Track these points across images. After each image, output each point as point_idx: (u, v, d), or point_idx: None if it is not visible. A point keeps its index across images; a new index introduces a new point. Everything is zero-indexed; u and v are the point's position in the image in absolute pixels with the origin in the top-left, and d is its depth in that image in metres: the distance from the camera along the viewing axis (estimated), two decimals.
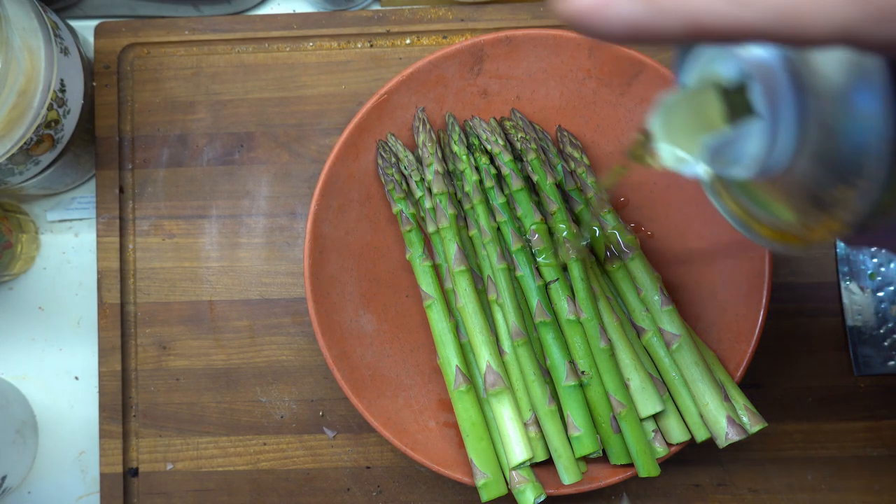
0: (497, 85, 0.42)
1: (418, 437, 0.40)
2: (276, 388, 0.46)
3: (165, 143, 0.47)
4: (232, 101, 0.47)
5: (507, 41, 0.41)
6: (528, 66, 0.42)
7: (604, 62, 0.41)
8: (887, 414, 0.45)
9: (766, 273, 0.39)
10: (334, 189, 0.41)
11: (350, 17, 0.47)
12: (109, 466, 0.45)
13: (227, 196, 0.47)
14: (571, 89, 0.42)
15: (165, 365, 0.46)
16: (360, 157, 0.41)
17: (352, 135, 0.41)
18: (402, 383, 0.42)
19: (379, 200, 0.43)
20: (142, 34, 0.47)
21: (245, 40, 0.47)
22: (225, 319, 0.46)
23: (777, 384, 0.45)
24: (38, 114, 0.40)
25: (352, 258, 0.42)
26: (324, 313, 0.40)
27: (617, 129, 0.42)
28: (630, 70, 0.41)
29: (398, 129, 0.42)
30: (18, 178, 0.43)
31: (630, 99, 0.42)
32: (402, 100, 0.41)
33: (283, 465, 0.46)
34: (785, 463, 0.45)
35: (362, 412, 0.39)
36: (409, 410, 0.41)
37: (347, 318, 0.41)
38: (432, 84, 0.41)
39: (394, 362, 0.42)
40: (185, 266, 0.47)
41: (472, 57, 0.41)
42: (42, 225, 0.50)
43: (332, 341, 0.40)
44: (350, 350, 0.41)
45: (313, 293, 0.40)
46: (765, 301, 0.39)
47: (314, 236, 0.40)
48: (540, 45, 0.41)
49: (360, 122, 0.41)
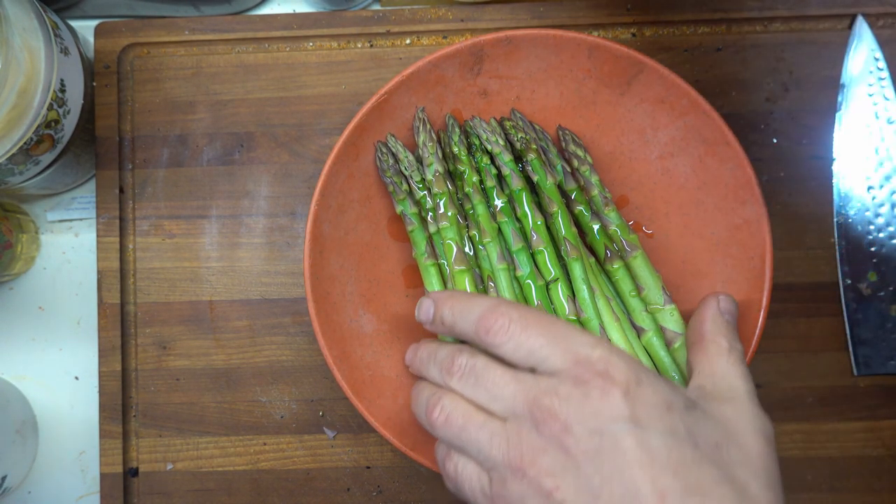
0: (497, 85, 0.42)
1: (419, 437, 0.40)
2: (276, 388, 0.46)
3: (165, 143, 0.47)
4: (232, 101, 0.47)
5: (507, 41, 0.41)
6: (528, 66, 0.42)
7: (604, 62, 0.41)
8: (887, 414, 0.45)
9: (766, 274, 0.39)
10: (334, 189, 0.41)
11: (350, 17, 0.47)
12: (109, 466, 0.45)
13: (227, 196, 0.47)
14: (571, 89, 0.42)
15: (165, 365, 0.46)
16: (360, 157, 0.41)
17: (352, 135, 0.41)
18: (403, 383, 0.42)
19: (379, 200, 0.43)
20: (142, 34, 0.47)
21: (245, 40, 0.47)
22: (225, 319, 0.46)
23: (777, 384, 0.45)
24: (38, 114, 0.40)
25: (352, 258, 0.42)
26: (324, 313, 0.40)
27: (617, 129, 0.42)
28: (630, 70, 0.41)
29: (398, 130, 0.42)
30: (18, 178, 0.43)
31: (630, 98, 0.42)
32: (402, 100, 0.41)
33: (283, 465, 0.46)
34: (785, 463, 0.45)
35: (362, 412, 0.39)
36: (410, 411, 0.41)
37: (347, 319, 0.41)
38: (432, 84, 0.41)
39: (394, 362, 0.42)
40: (185, 266, 0.47)
41: (472, 57, 0.41)
42: (42, 225, 0.50)
43: (333, 341, 0.40)
44: (350, 350, 0.41)
45: (313, 293, 0.40)
46: (765, 302, 0.39)
47: (314, 237, 0.40)
48: (540, 45, 0.41)
49: (361, 123, 0.41)
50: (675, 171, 0.42)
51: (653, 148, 0.42)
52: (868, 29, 0.46)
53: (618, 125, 0.43)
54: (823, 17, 0.46)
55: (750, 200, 0.40)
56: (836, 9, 0.46)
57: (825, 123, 0.46)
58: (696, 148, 0.41)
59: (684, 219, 0.42)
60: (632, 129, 0.42)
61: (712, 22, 0.47)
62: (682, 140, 0.41)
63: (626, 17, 0.47)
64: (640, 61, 0.40)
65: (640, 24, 0.47)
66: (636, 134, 0.42)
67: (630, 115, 0.42)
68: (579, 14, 0.47)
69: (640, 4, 0.47)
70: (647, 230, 0.43)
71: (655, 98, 0.41)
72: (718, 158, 0.40)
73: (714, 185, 0.41)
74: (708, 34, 0.47)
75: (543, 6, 0.47)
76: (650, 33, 0.47)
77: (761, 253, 0.39)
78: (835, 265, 0.46)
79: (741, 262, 0.40)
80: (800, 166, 0.46)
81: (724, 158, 0.40)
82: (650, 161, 0.42)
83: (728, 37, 0.47)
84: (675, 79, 0.40)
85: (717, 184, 0.41)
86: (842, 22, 0.47)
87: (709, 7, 0.46)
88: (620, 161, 0.43)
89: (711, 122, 0.40)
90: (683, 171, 0.42)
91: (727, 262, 0.41)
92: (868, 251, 0.45)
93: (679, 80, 0.40)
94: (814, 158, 0.46)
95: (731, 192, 0.40)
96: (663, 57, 0.46)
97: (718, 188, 0.41)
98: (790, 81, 0.46)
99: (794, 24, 0.47)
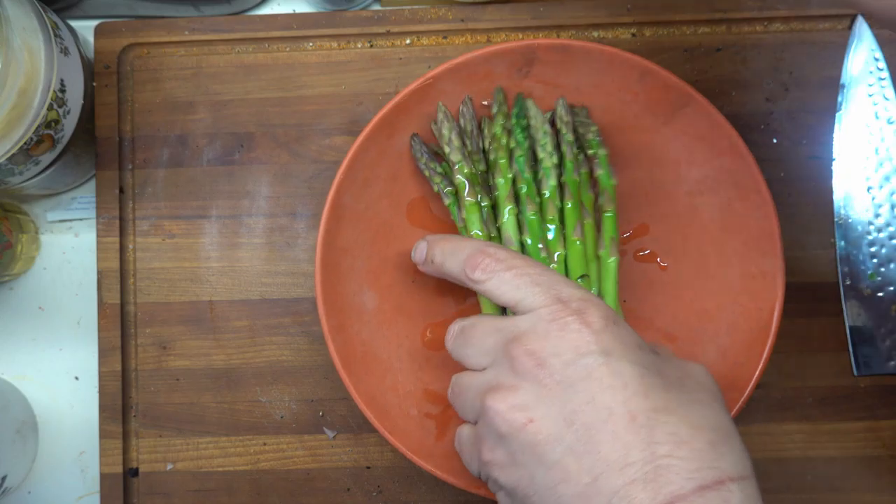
0: (542, 90, 0.42)
1: (398, 422, 0.40)
2: (276, 388, 0.46)
3: (165, 143, 0.47)
4: (232, 101, 0.47)
5: (562, 49, 0.40)
6: (577, 78, 0.41)
7: (653, 88, 0.40)
8: (887, 414, 0.45)
9: (772, 326, 0.39)
10: (363, 163, 0.41)
11: (350, 17, 0.47)
12: (109, 466, 0.45)
13: (227, 196, 0.47)
14: (615, 109, 0.42)
15: (165, 365, 0.46)
16: (394, 136, 0.41)
17: (389, 114, 0.40)
18: (392, 366, 0.42)
19: (406, 181, 0.43)
20: (142, 34, 0.47)
21: (245, 40, 0.47)
22: (225, 319, 0.46)
23: (777, 384, 0.45)
24: (38, 114, 0.40)
25: (367, 233, 0.42)
26: (329, 283, 0.40)
27: (651, 158, 0.42)
28: (678, 101, 0.40)
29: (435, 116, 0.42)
30: (18, 178, 0.43)
31: (671, 129, 0.41)
32: (445, 87, 0.41)
33: (283, 465, 0.46)
34: (785, 463, 0.45)
35: (348, 386, 0.39)
36: (394, 394, 0.41)
37: (351, 292, 0.41)
38: (479, 78, 0.41)
39: (387, 343, 0.42)
40: (185, 266, 0.47)
41: (524, 58, 0.41)
42: (42, 225, 0.50)
43: (332, 311, 0.40)
44: (347, 323, 0.41)
45: (323, 259, 0.40)
46: (766, 353, 0.39)
47: (334, 205, 0.40)
48: (594, 60, 0.40)
49: (401, 103, 0.40)
50: (701, 210, 0.42)
51: (684, 183, 0.42)
52: (868, 29, 0.46)
53: (653, 154, 0.42)
54: (823, 17, 0.46)
55: (770, 253, 0.40)
56: (835, 9, 0.46)
57: (825, 123, 0.46)
58: (727, 190, 0.41)
59: (702, 258, 0.42)
60: (667, 161, 0.42)
61: (712, 22, 0.47)
62: (714, 180, 0.41)
63: (626, 17, 0.46)
64: (689, 94, 0.40)
65: (640, 24, 0.47)
66: (670, 166, 0.42)
67: (668, 146, 0.42)
68: (580, 14, 0.47)
69: (640, 4, 0.47)
70: (662, 262, 0.43)
71: (696, 134, 0.41)
72: (748, 205, 0.40)
73: (738, 230, 0.41)
74: (708, 34, 0.47)
75: (543, 6, 0.47)
76: (650, 33, 0.47)
77: (771, 306, 0.39)
78: (835, 265, 0.46)
79: (749, 311, 0.40)
80: (800, 166, 0.46)
81: (753, 206, 0.40)
82: (678, 196, 0.42)
83: (728, 37, 0.47)
84: (720, 118, 0.39)
85: (741, 230, 0.41)
86: (842, 22, 0.46)
87: (709, 7, 0.46)
88: (648, 190, 0.43)
89: (747, 168, 0.39)
90: (710, 211, 0.42)
91: (735, 309, 0.41)
92: (868, 251, 0.45)
93: (723, 119, 0.39)
94: (814, 158, 0.46)
95: (754, 241, 0.40)
96: (663, 57, 0.46)
97: (741, 235, 0.41)
98: (790, 81, 0.46)
99: (794, 24, 0.47)
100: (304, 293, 0.46)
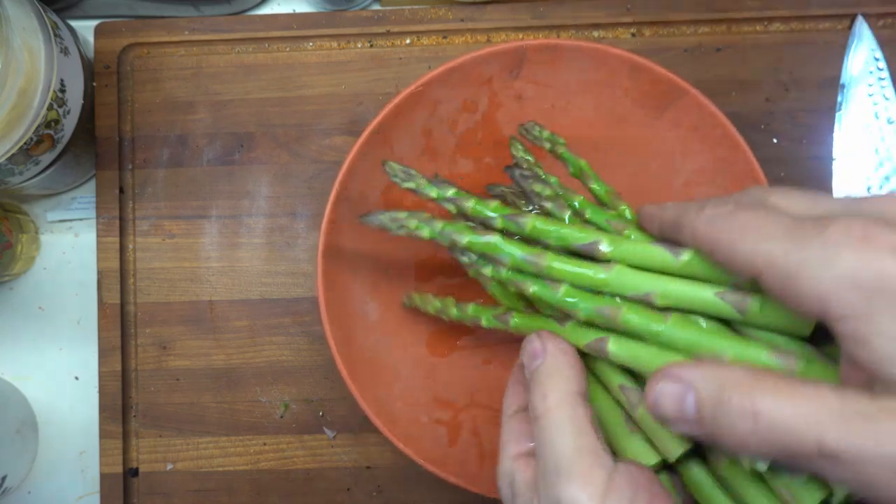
0: (533, 91, 0.42)
1: (409, 429, 0.40)
2: (276, 388, 0.46)
3: (165, 143, 0.47)
4: (232, 101, 0.47)
5: (551, 48, 0.40)
6: (567, 76, 0.41)
7: (644, 82, 0.40)
8: None
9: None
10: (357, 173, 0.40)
11: (350, 17, 0.47)
12: (109, 466, 0.45)
13: (227, 196, 0.47)
14: (606, 105, 0.42)
15: (165, 365, 0.46)
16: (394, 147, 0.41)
17: (383, 122, 0.39)
18: (400, 374, 0.41)
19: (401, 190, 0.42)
20: (142, 34, 0.47)
21: (245, 40, 0.47)
22: (225, 319, 0.46)
23: None
24: (37, 114, 0.40)
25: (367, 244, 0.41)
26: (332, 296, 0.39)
27: (646, 152, 0.42)
28: (670, 94, 0.40)
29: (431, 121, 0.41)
30: (18, 178, 0.43)
31: (665, 123, 0.41)
32: (438, 93, 0.41)
33: (283, 465, 0.46)
34: None
35: (354, 394, 0.38)
36: (403, 402, 0.41)
37: (354, 303, 0.41)
38: (472, 81, 0.41)
39: (392, 349, 0.41)
40: (185, 266, 0.47)
41: (514, 59, 0.40)
42: (42, 225, 0.50)
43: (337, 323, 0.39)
44: (353, 335, 0.40)
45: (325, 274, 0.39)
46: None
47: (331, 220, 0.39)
48: (583, 57, 0.40)
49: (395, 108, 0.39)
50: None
51: (680, 175, 0.42)
52: (868, 29, 0.46)
53: (648, 147, 0.42)
54: (823, 17, 0.46)
55: None
56: (835, 9, 0.46)
57: (825, 123, 0.46)
58: (723, 181, 0.40)
59: None
60: (661, 154, 0.42)
61: (712, 22, 0.47)
62: (710, 171, 0.41)
63: (626, 17, 0.46)
64: (681, 87, 0.39)
65: (640, 24, 0.47)
66: (665, 159, 0.42)
67: (662, 138, 0.41)
68: (579, 14, 0.47)
69: (640, 4, 0.47)
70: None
71: (690, 125, 0.40)
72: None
73: None
74: (708, 34, 0.47)
75: (543, 6, 0.47)
76: (650, 33, 0.47)
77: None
78: None
79: None
80: (800, 166, 0.46)
81: None
82: (675, 188, 0.42)
83: (728, 37, 0.47)
84: (712, 108, 0.39)
85: None
86: (842, 22, 0.47)
87: (709, 7, 0.46)
88: (644, 183, 0.42)
89: (743, 157, 0.39)
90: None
91: None
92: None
93: (716, 110, 0.39)
94: (814, 158, 0.46)
95: None
96: (663, 57, 0.46)
97: None
98: (790, 81, 0.46)
99: (794, 24, 0.47)
100: (304, 293, 0.46)
